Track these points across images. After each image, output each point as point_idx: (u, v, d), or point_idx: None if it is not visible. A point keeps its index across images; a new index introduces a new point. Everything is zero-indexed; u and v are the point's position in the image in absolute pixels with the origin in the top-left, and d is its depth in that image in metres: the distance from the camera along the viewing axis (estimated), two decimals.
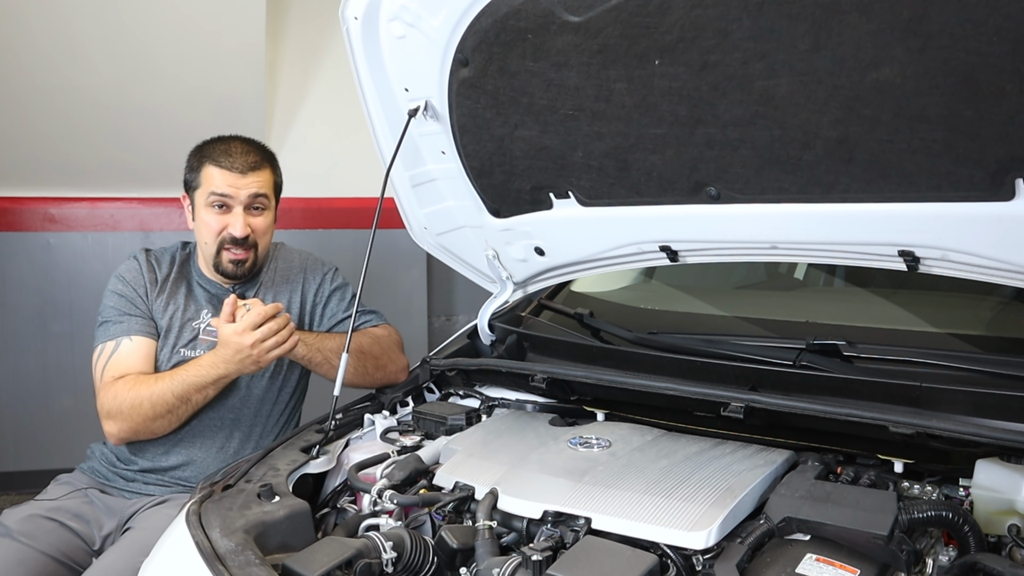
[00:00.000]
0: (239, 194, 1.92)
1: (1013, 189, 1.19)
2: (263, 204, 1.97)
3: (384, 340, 2.03)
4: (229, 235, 1.93)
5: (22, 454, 3.64)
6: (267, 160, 2.00)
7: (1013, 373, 1.39)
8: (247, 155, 1.95)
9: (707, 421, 1.58)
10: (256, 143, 2.02)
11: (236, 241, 1.93)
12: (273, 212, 2.03)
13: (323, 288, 2.12)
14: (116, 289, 1.98)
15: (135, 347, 1.91)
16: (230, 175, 1.92)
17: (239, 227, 1.92)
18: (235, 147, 1.96)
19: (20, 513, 1.85)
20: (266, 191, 1.97)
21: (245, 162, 1.93)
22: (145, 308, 1.97)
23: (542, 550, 1.17)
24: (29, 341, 3.64)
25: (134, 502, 1.94)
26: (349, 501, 1.56)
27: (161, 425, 1.85)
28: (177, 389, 1.81)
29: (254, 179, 1.94)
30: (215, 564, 1.22)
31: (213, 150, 1.96)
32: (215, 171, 1.92)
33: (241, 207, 1.93)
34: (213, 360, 1.81)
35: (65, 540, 1.84)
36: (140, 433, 1.85)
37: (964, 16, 1.07)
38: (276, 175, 2.03)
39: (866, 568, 1.08)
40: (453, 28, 1.49)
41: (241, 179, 1.92)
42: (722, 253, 1.65)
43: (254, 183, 1.94)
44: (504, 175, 1.72)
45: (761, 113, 1.30)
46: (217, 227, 1.94)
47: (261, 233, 1.98)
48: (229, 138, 1.99)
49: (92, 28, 3.14)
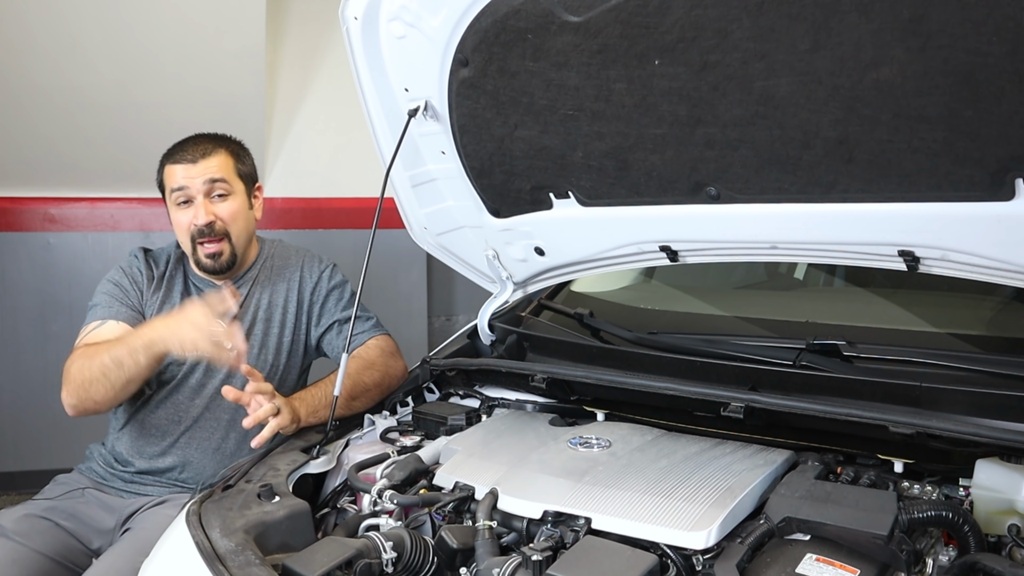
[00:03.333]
0: (194, 183, 1.92)
1: (1013, 189, 1.19)
2: (224, 189, 1.95)
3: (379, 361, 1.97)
4: (195, 226, 1.92)
5: (22, 454, 3.64)
6: (221, 145, 1.99)
7: (1013, 373, 1.39)
8: (197, 145, 1.96)
9: (707, 421, 1.58)
10: (212, 134, 2.01)
11: (203, 232, 1.92)
12: (242, 198, 2.00)
13: (320, 285, 2.09)
14: (113, 279, 1.98)
15: (118, 329, 1.88)
16: (183, 167, 1.93)
17: (201, 215, 1.91)
18: (188, 142, 1.98)
19: (16, 513, 1.85)
20: (222, 175, 1.95)
21: (196, 151, 1.94)
22: (137, 302, 1.96)
23: (542, 550, 1.17)
24: (29, 341, 3.64)
25: (133, 502, 1.94)
26: (349, 501, 1.56)
27: (97, 391, 1.76)
28: (113, 349, 1.75)
29: (206, 164, 1.93)
30: (215, 564, 1.22)
31: (171, 150, 1.98)
32: (171, 168, 1.94)
33: (201, 196, 1.92)
34: (152, 322, 1.77)
35: (60, 540, 1.83)
36: (83, 399, 1.78)
37: (964, 16, 1.07)
38: (238, 160, 2.01)
39: (866, 568, 1.08)
40: (453, 28, 1.49)
41: (193, 168, 1.92)
42: (722, 253, 1.65)
43: (207, 169, 1.93)
44: (504, 175, 1.72)
45: (761, 113, 1.31)
46: (185, 222, 1.94)
47: (230, 219, 1.96)
48: (187, 137, 2.00)
49: (92, 28, 3.14)
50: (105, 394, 1.78)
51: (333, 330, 2.08)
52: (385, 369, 1.95)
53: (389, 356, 2.00)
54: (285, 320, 2.05)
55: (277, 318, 2.05)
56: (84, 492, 1.95)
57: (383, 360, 1.97)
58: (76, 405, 1.81)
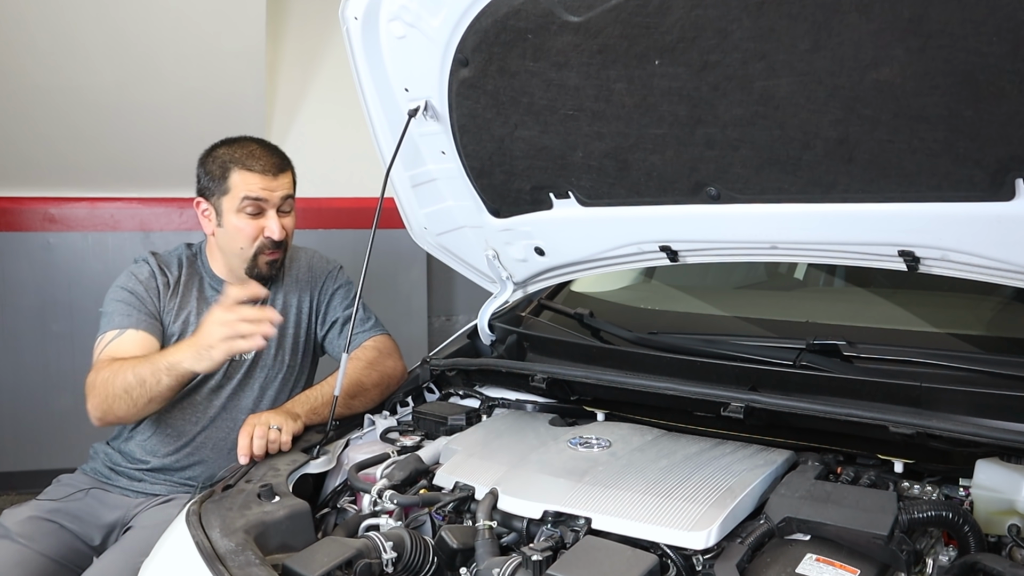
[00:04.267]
0: (272, 196, 1.93)
1: (1013, 189, 1.19)
2: (291, 205, 1.99)
3: (378, 362, 1.98)
4: (268, 239, 1.93)
5: (22, 454, 3.64)
6: (288, 161, 2.01)
7: (1013, 373, 1.39)
8: (272, 157, 1.95)
9: (707, 421, 1.58)
10: (272, 145, 2.01)
11: (274, 244, 1.94)
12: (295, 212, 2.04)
13: (327, 286, 2.12)
14: (126, 286, 1.96)
15: (138, 337, 1.89)
16: (263, 178, 1.91)
17: (277, 230, 1.93)
18: (258, 150, 1.95)
19: (20, 514, 1.85)
20: (292, 192, 1.99)
21: (273, 164, 1.93)
22: (154, 308, 1.95)
23: (542, 550, 1.17)
24: (29, 341, 3.64)
25: (139, 501, 1.94)
26: (349, 501, 1.56)
27: (120, 407, 1.77)
28: (138, 367, 1.76)
29: (284, 180, 1.95)
30: (215, 564, 1.22)
31: (236, 154, 1.93)
32: (246, 176, 1.91)
33: (274, 210, 1.94)
34: (179, 345, 1.78)
35: (65, 542, 1.84)
36: (107, 413, 1.79)
37: (964, 16, 1.07)
38: (295, 175, 2.03)
39: (866, 568, 1.08)
40: (453, 28, 1.49)
41: (273, 181, 1.92)
42: (722, 253, 1.65)
43: (284, 184, 1.95)
44: (504, 175, 1.72)
45: (761, 113, 1.30)
46: (253, 232, 1.93)
47: (291, 234, 2.00)
48: (245, 140, 1.97)
49: (92, 28, 3.14)
50: (128, 410, 1.79)
51: (335, 329, 2.10)
52: (384, 370, 1.96)
53: (388, 356, 2.01)
54: (300, 320, 2.08)
55: (292, 319, 2.07)
56: (88, 492, 1.95)
57: (382, 360, 1.98)
58: (101, 417, 1.82)
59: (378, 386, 1.92)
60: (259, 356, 2.01)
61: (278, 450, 1.65)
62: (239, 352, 1.71)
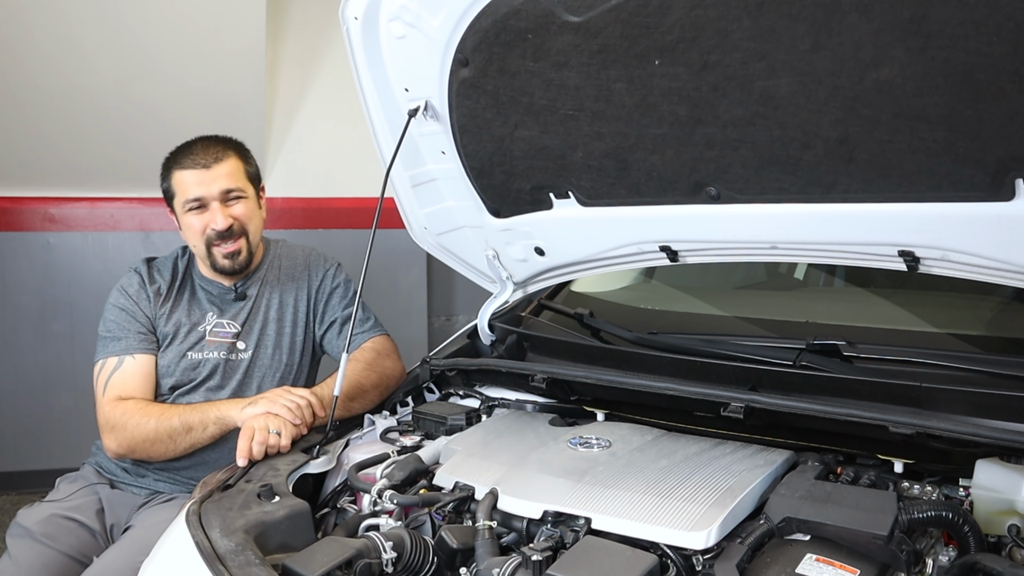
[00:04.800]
0: (210, 190, 1.92)
1: (1013, 189, 1.19)
2: (239, 192, 1.96)
3: (376, 363, 1.98)
4: (212, 231, 1.93)
5: (22, 454, 3.65)
6: (231, 149, 1.99)
7: (1013, 373, 1.39)
8: (207, 150, 1.95)
9: (707, 421, 1.58)
10: (218, 137, 2.01)
11: (222, 234, 1.93)
12: (255, 200, 2.02)
13: (324, 285, 2.11)
14: (118, 303, 1.98)
15: (137, 366, 1.92)
16: (196, 173, 1.92)
17: (220, 220, 1.92)
18: (196, 146, 1.96)
19: (39, 514, 1.86)
20: (237, 182, 1.96)
21: (208, 156, 1.93)
22: (146, 321, 1.97)
23: (542, 550, 1.17)
24: (29, 341, 3.64)
25: (141, 499, 1.95)
26: (349, 501, 1.56)
27: (158, 450, 1.83)
28: (186, 416, 1.81)
29: (219, 169, 1.93)
30: (215, 564, 1.22)
31: (177, 155, 1.96)
32: (182, 174, 1.93)
33: (216, 201, 1.93)
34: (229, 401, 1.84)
35: (84, 540, 1.86)
36: (137, 452, 1.85)
37: (964, 16, 1.07)
38: (246, 163, 2.01)
39: (866, 568, 1.08)
40: (453, 28, 1.49)
41: (207, 173, 1.92)
42: (722, 253, 1.65)
43: (222, 175, 1.93)
44: (504, 175, 1.72)
45: (761, 113, 1.30)
46: (200, 227, 1.94)
47: (246, 219, 1.97)
48: (191, 140, 1.99)
49: (92, 28, 3.14)
50: (166, 453, 1.84)
51: (334, 329, 2.10)
52: (383, 371, 1.96)
53: (386, 357, 2.01)
54: (297, 319, 2.07)
55: (289, 317, 2.06)
56: (97, 488, 1.97)
57: (380, 362, 1.98)
58: (125, 455, 1.87)
59: (377, 387, 1.93)
60: (257, 355, 2.01)
61: (277, 453, 1.65)
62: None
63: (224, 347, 1.99)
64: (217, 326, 2.00)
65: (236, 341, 2.00)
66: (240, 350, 2.00)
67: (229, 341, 2.00)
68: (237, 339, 2.01)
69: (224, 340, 1.99)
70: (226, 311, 2.02)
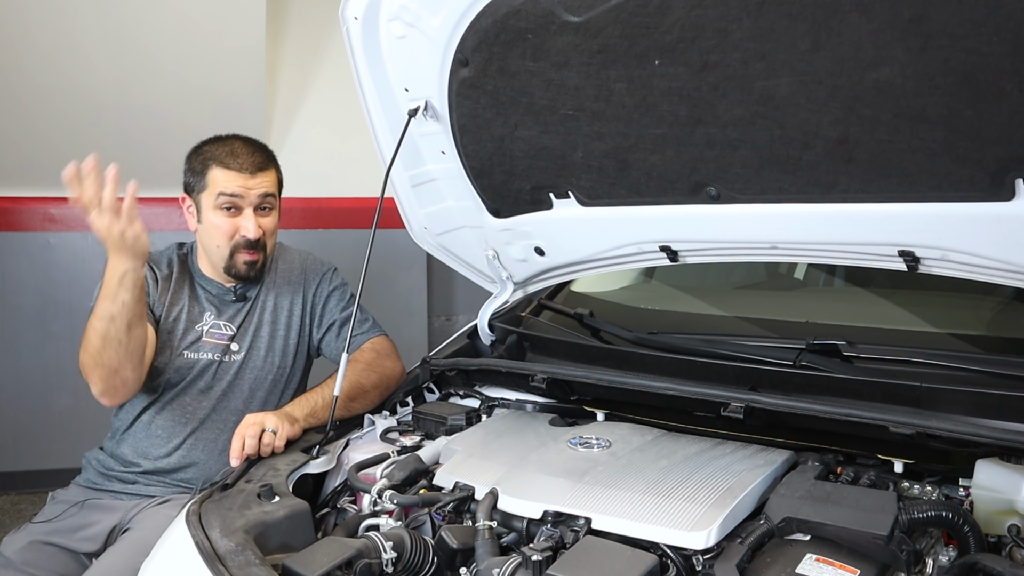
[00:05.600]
0: (249, 195, 1.91)
1: (1013, 189, 1.19)
2: (271, 204, 1.97)
3: (376, 363, 1.98)
4: (243, 238, 1.92)
5: (22, 454, 3.64)
6: (271, 159, 1.99)
7: (1013, 373, 1.39)
8: (253, 155, 1.94)
9: (707, 421, 1.58)
10: (258, 142, 2.00)
11: (250, 243, 1.92)
12: (278, 212, 2.02)
13: (322, 288, 2.10)
14: None
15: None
16: (239, 176, 1.90)
17: (252, 229, 1.91)
18: (239, 148, 1.94)
19: (20, 541, 1.84)
20: (273, 191, 1.97)
21: (252, 162, 1.92)
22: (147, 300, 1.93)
23: (542, 550, 1.17)
24: (29, 341, 3.64)
25: (135, 503, 1.93)
26: (349, 501, 1.56)
27: (111, 358, 1.74)
28: (95, 314, 1.73)
29: (262, 179, 1.93)
30: (215, 564, 1.22)
31: (217, 151, 1.93)
32: (223, 173, 1.90)
33: (251, 208, 1.92)
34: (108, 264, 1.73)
35: (66, 563, 1.84)
36: (101, 374, 1.77)
37: (964, 16, 1.07)
38: (279, 174, 2.02)
39: (866, 568, 1.08)
40: (453, 28, 1.49)
41: (251, 179, 1.91)
42: (722, 253, 1.65)
43: (263, 183, 1.93)
44: (504, 175, 1.72)
45: (761, 113, 1.30)
46: (229, 230, 1.92)
47: (270, 233, 1.98)
48: (229, 138, 1.97)
49: (92, 28, 3.14)
50: (118, 357, 1.75)
51: (332, 331, 2.09)
52: (383, 371, 1.96)
53: (386, 358, 2.01)
54: (291, 323, 2.06)
55: (283, 321, 2.05)
56: (83, 505, 1.94)
57: (380, 362, 1.98)
58: (104, 390, 1.80)
59: (377, 388, 1.92)
60: (249, 358, 2.00)
61: (271, 453, 1.65)
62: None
63: (219, 349, 1.97)
64: (214, 327, 1.98)
65: (230, 343, 1.99)
66: (233, 352, 1.99)
67: (224, 343, 1.98)
68: (232, 341, 1.99)
69: (219, 342, 1.98)
70: (224, 312, 2.01)
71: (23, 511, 3.38)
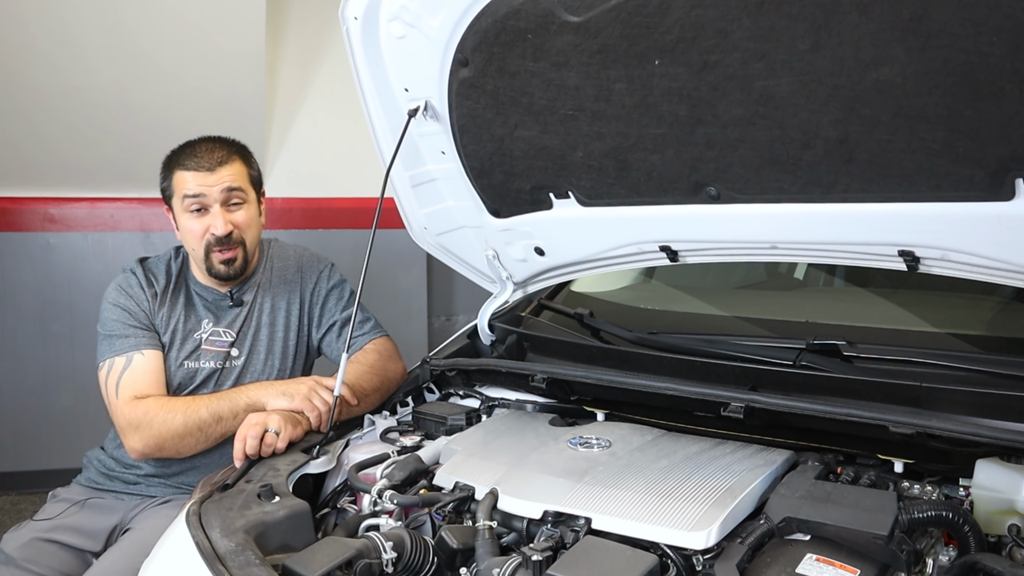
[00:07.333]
0: (212, 191, 1.88)
1: (1013, 189, 1.19)
2: (240, 198, 1.93)
3: (378, 365, 1.97)
4: (212, 236, 1.89)
5: (22, 454, 3.64)
6: (236, 152, 1.95)
7: (1013, 373, 1.39)
8: (212, 152, 1.91)
9: (707, 421, 1.58)
10: (222, 138, 1.98)
11: (221, 240, 1.89)
12: (255, 205, 1.98)
13: (320, 286, 2.09)
14: (117, 302, 1.93)
15: (148, 361, 1.88)
16: (199, 175, 1.88)
17: (220, 225, 1.88)
18: (200, 147, 1.92)
19: (20, 538, 1.84)
20: (240, 184, 1.92)
21: (212, 159, 1.90)
22: (148, 321, 1.93)
23: (542, 550, 1.17)
24: (29, 341, 3.64)
25: (136, 503, 1.94)
26: (349, 501, 1.56)
27: (188, 444, 1.79)
28: (214, 405, 1.78)
29: (224, 173, 1.90)
30: (215, 564, 1.22)
31: (179, 155, 1.92)
32: (184, 175, 1.89)
33: (218, 204, 1.89)
34: (258, 384, 1.83)
35: (66, 561, 1.84)
36: (165, 449, 1.80)
37: (964, 16, 1.07)
38: (250, 167, 1.98)
39: (866, 568, 1.08)
40: (453, 28, 1.49)
41: (210, 176, 1.88)
42: (722, 253, 1.65)
43: (226, 177, 1.90)
44: (504, 175, 1.72)
45: (761, 113, 1.31)
46: (199, 230, 1.90)
47: (245, 227, 1.94)
48: (195, 140, 1.95)
49: (92, 28, 3.14)
50: (196, 446, 1.81)
51: (333, 332, 2.08)
52: (385, 373, 1.96)
53: (389, 359, 2.00)
54: (289, 323, 2.05)
55: (281, 321, 2.04)
56: (84, 504, 1.94)
57: (383, 364, 1.97)
58: (151, 454, 1.83)
59: (379, 390, 1.92)
60: (249, 362, 1.99)
61: (271, 454, 1.65)
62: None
63: (220, 356, 1.97)
64: (213, 335, 1.97)
65: (231, 350, 1.98)
66: (234, 357, 1.98)
67: (224, 351, 1.98)
68: (232, 347, 1.98)
69: (220, 349, 1.97)
70: (222, 319, 1.99)
71: (23, 511, 3.38)
